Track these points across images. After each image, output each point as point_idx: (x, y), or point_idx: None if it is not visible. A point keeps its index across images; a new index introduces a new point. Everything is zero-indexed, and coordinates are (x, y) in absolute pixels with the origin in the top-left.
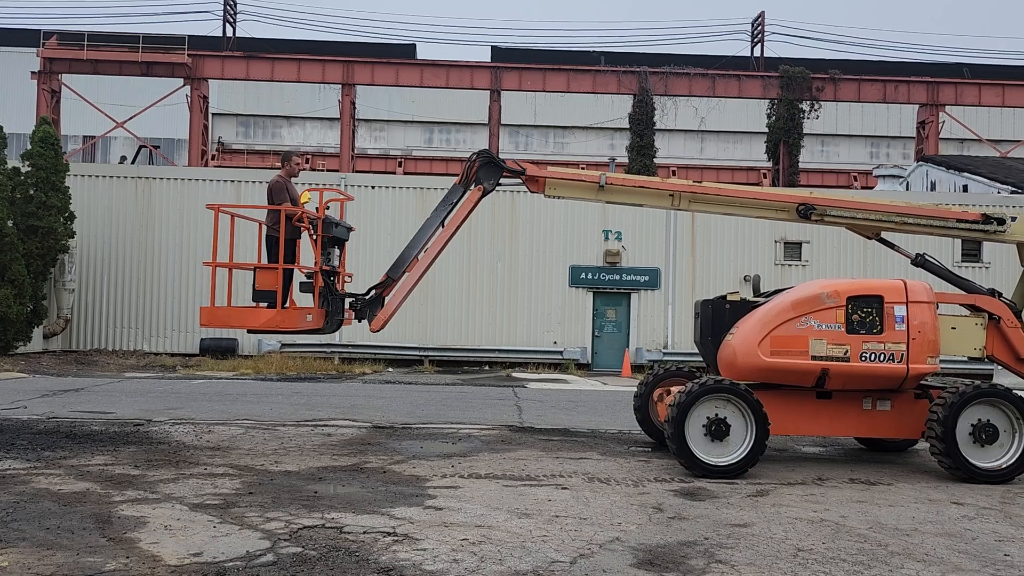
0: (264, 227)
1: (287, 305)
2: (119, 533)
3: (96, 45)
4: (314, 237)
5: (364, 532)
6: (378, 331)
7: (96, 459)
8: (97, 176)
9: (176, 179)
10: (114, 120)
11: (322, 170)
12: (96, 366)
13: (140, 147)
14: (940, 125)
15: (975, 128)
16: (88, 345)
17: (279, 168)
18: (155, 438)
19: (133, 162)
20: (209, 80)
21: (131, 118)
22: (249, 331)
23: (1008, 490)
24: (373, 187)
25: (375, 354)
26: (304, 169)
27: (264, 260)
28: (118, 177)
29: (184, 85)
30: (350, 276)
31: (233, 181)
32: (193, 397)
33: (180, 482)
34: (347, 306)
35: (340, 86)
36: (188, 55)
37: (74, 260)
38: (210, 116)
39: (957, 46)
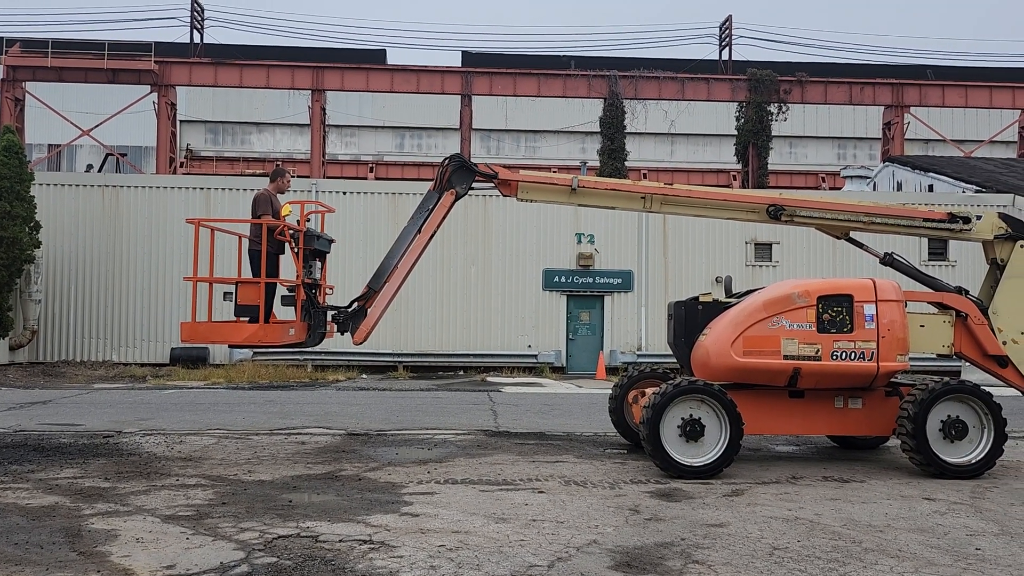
0: (246, 240)
1: (269, 319)
2: (89, 547)
3: (61, 52)
4: (295, 250)
5: (340, 540)
6: (361, 343)
7: (65, 472)
8: (63, 185)
9: (144, 187)
10: (80, 128)
11: (293, 176)
12: (64, 378)
13: (107, 155)
14: (905, 126)
15: (939, 129)
16: (56, 356)
17: (250, 174)
18: (125, 450)
19: (100, 170)
20: (177, 87)
21: (97, 126)
22: (231, 346)
23: (978, 485)
24: (345, 193)
25: (348, 361)
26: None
27: (246, 274)
28: (84, 186)
29: (151, 92)
30: (331, 288)
31: (202, 188)
32: (164, 407)
33: (151, 494)
34: (329, 319)
35: (310, 92)
36: (155, 62)
37: (40, 270)
38: (178, 123)
39: (921, 48)
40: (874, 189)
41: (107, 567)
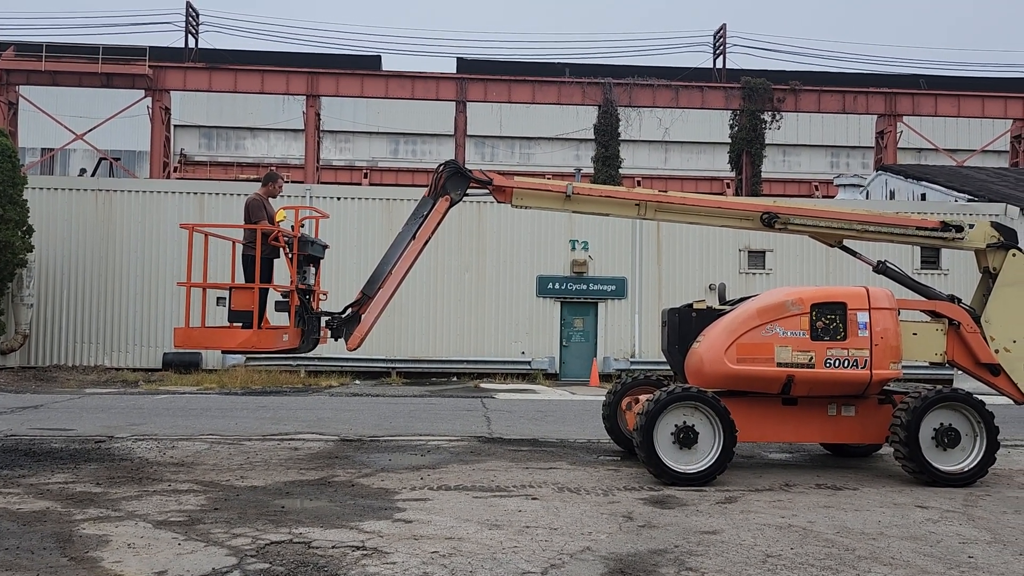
0: (239, 246)
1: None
2: (81, 552)
3: (55, 56)
4: (290, 256)
5: (332, 547)
6: (355, 349)
7: (56, 477)
8: (56, 189)
9: (138, 191)
10: (73, 132)
11: (287, 182)
12: (56, 382)
13: (100, 159)
14: (898, 135)
15: (932, 138)
16: (47, 361)
17: (244, 180)
18: (117, 455)
19: (93, 174)
20: (171, 91)
21: (91, 130)
22: (224, 352)
23: (971, 493)
24: (339, 198)
25: (342, 367)
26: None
27: (240, 279)
28: (78, 190)
29: (145, 97)
30: (325, 294)
31: (196, 193)
32: (156, 412)
33: (143, 499)
34: (323, 325)
35: (304, 97)
36: (149, 66)
37: (32, 274)
38: (172, 128)
39: (914, 58)
40: (867, 198)
41: (98, 572)
